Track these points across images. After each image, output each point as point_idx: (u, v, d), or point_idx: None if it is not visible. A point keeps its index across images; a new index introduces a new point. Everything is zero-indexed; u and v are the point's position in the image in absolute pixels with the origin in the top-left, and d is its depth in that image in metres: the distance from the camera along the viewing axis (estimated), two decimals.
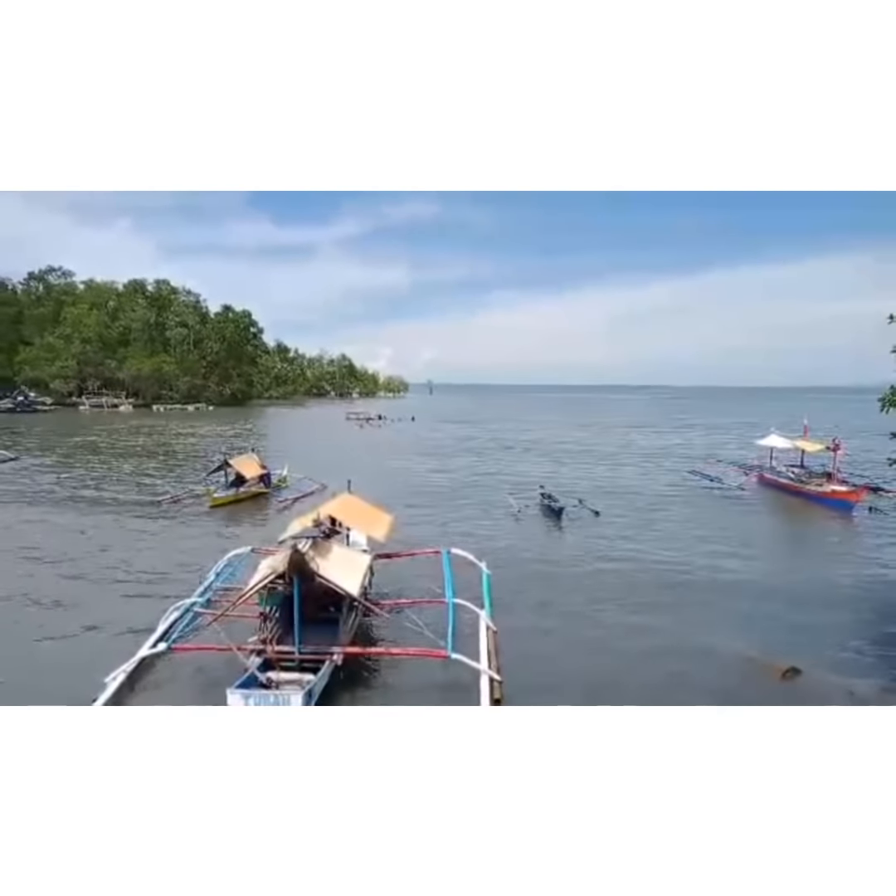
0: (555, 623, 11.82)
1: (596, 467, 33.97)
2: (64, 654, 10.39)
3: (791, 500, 24.49)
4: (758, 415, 74.95)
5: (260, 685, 8.33)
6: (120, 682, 8.91)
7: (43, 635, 11.05)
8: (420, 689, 9.16)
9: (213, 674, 9.24)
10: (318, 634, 9.22)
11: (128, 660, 9.36)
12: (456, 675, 9.17)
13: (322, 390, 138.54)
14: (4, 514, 21.33)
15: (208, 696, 8.47)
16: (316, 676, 8.46)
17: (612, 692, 8.95)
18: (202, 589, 11.82)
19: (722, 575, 14.90)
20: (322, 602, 9.94)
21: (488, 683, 8.84)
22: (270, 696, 7.93)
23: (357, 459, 35.24)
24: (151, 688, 9.17)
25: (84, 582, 14.16)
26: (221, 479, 24.38)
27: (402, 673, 9.75)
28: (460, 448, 44.00)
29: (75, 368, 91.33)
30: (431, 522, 19.81)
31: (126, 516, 20.82)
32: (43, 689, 8.67)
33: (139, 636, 10.40)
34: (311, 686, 8.19)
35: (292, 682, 8.48)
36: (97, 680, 8.86)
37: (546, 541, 18.42)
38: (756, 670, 9.71)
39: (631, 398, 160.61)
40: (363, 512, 12.89)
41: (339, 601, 9.91)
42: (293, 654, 8.95)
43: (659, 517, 21.13)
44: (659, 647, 10.68)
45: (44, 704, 5.25)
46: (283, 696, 7.92)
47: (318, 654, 8.94)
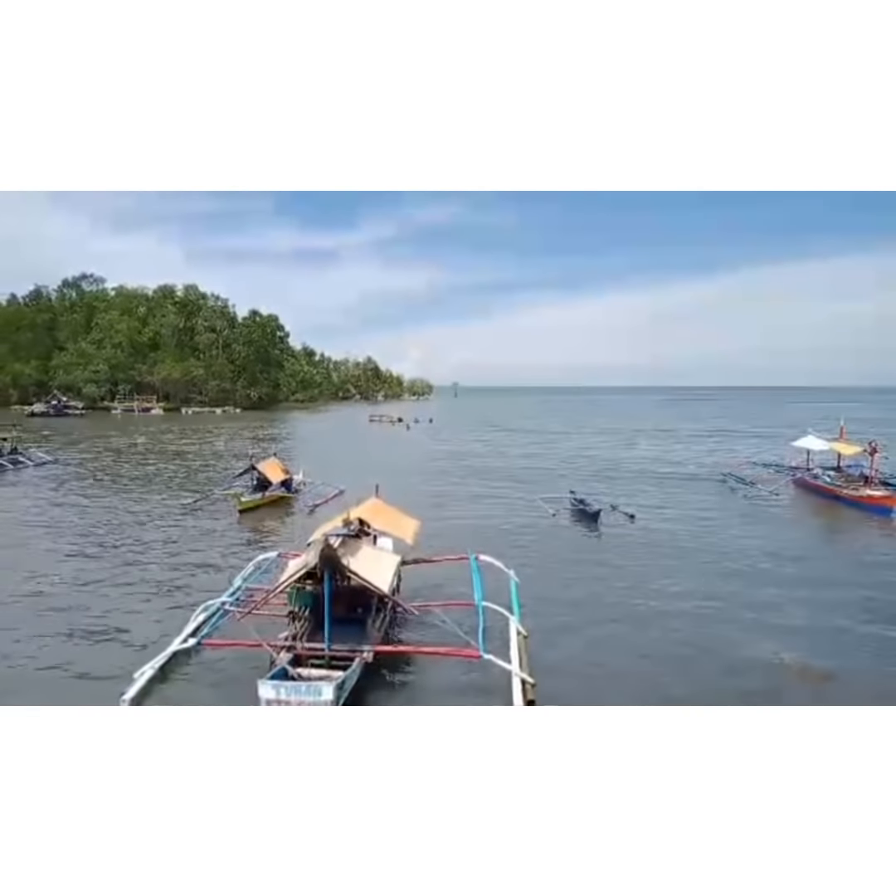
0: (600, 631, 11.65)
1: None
2: (96, 648, 10.61)
3: (828, 504, 23.85)
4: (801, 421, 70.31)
5: (290, 679, 8.33)
6: (148, 676, 9.03)
7: (87, 626, 11.32)
8: (451, 689, 9.13)
9: (241, 670, 9.30)
10: (347, 633, 9.22)
11: (157, 655, 9.50)
12: (487, 676, 9.10)
13: (347, 393, 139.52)
14: (44, 514, 21.85)
15: (237, 692, 8.55)
16: (346, 672, 8.42)
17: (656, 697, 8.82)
18: (231, 590, 11.96)
19: (760, 577, 14.69)
20: (351, 601, 9.96)
21: (520, 685, 8.74)
22: (302, 687, 7.90)
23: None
24: (180, 682, 9.28)
25: (113, 581, 14.47)
26: (247, 482, 24.59)
27: (432, 673, 9.70)
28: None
29: (107, 373, 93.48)
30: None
31: (163, 517, 21.16)
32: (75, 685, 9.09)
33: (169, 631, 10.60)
34: (342, 680, 8.14)
35: (322, 678, 8.47)
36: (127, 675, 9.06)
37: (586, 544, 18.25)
38: (791, 675, 9.51)
39: (657, 399, 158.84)
40: (391, 515, 12.92)
41: (368, 601, 9.92)
42: (323, 650, 8.94)
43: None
44: (694, 647, 10.58)
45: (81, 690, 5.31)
46: (314, 687, 7.89)
47: (348, 651, 8.93)
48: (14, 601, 12.94)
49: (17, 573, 14.76)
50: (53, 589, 13.86)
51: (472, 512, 21.96)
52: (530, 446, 46.30)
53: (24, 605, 12.73)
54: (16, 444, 36.03)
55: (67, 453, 39.94)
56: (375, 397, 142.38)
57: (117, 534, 18.96)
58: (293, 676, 8.45)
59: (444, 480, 29.91)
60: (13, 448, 35.18)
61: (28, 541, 18.21)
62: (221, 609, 11.04)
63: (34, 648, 10.50)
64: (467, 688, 9.14)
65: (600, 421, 76.08)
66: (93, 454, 40.23)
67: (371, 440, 52.96)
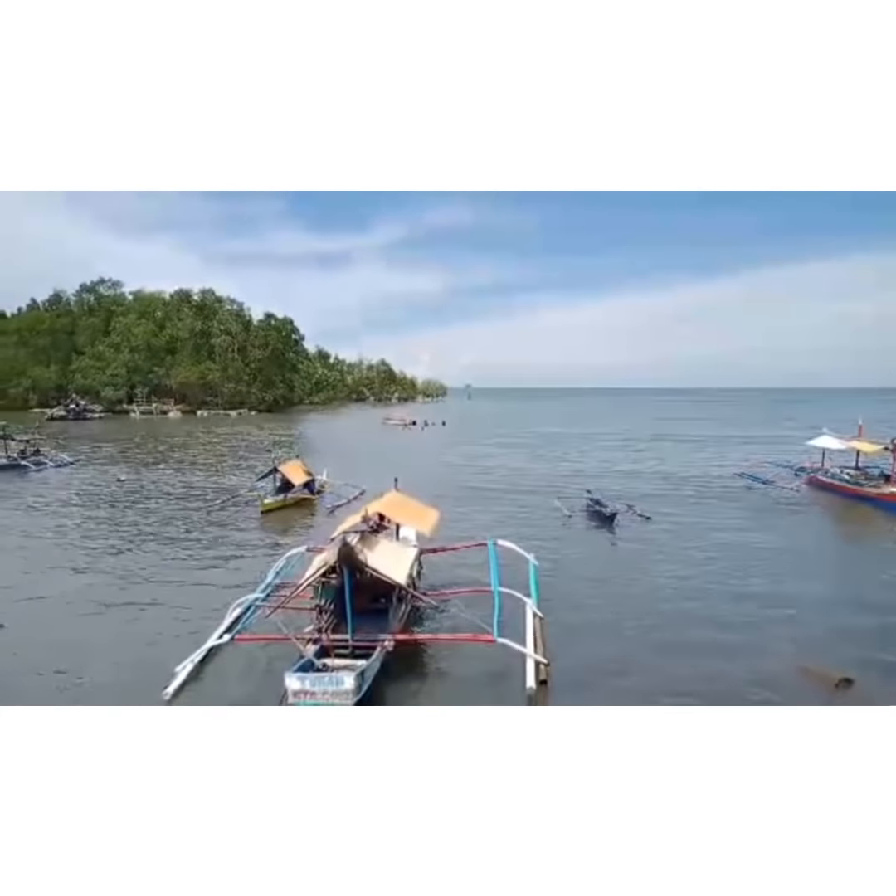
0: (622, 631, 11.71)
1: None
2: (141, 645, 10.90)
3: (848, 503, 23.65)
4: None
5: (315, 670, 8.75)
6: (189, 670, 9.55)
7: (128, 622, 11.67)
8: (468, 673, 9.62)
9: (272, 662, 9.76)
10: (369, 624, 9.78)
11: (196, 650, 10.01)
12: (503, 659, 9.49)
13: (361, 395, 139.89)
14: (68, 516, 22.25)
15: (268, 683, 9.02)
16: (367, 661, 8.86)
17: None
18: (263, 585, 12.41)
19: (779, 578, 14.63)
20: (373, 593, 10.47)
21: (534, 666, 9.21)
22: (325, 677, 8.31)
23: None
24: (217, 676, 9.71)
25: (147, 578, 14.81)
26: (269, 484, 24.73)
27: (449, 659, 10.11)
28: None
29: (125, 376, 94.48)
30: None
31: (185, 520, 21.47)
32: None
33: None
34: (362, 669, 8.54)
35: (345, 667, 8.85)
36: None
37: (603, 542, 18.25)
38: (808, 680, 9.47)
39: (678, 399, 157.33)
40: (410, 508, 13.48)
41: (389, 593, 10.43)
42: (346, 641, 9.43)
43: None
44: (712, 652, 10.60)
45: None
46: (336, 677, 8.28)
47: (369, 641, 9.38)
48: (60, 595, 13.38)
49: (50, 568, 15.22)
50: (95, 579, 14.51)
51: None
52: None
53: (69, 599, 13.14)
54: (37, 447, 36.84)
55: (88, 455, 40.51)
56: (389, 399, 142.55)
57: (139, 537, 19.30)
58: (319, 667, 8.89)
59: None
60: (35, 450, 36.19)
61: (54, 537, 18.62)
62: (254, 605, 11.51)
63: (84, 640, 10.86)
64: (484, 670, 9.59)
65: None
66: (118, 457, 40.75)
67: (387, 447, 52.87)
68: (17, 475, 31.74)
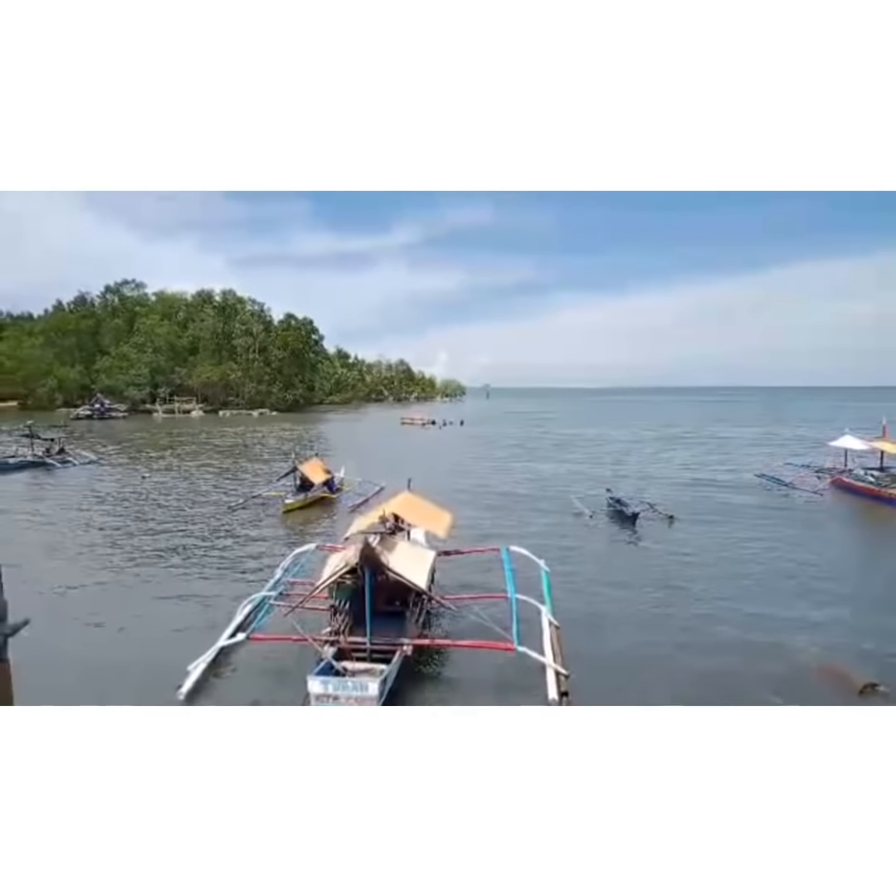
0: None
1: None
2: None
3: (873, 504, 23.19)
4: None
5: (335, 673, 8.65)
6: (201, 669, 9.45)
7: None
8: (487, 681, 9.38)
9: (286, 662, 9.69)
10: (386, 627, 9.52)
11: (208, 649, 9.90)
12: (521, 668, 9.32)
13: (380, 395, 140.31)
14: (90, 513, 22.59)
15: (283, 683, 8.95)
16: (388, 666, 8.72)
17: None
18: (272, 583, 12.37)
19: (803, 581, 14.42)
20: (390, 596, 10.26)
21: (555, 677, 9.00)
22: (348, 683, 8.24)
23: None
24: (231, 675, 9.67)
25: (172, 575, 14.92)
26: (290, 483, 24.93)
27: (468, 666, 9.93)
28: None
29: (147, 376, 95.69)
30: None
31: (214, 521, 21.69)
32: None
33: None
34: (385, 675, 8.45)
35: (366, 671, 8.79)
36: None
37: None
38: (834, 685, 9.32)
39: (709, 400, 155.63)
40: (424, 509, 13.35)
41: (406, 595, 10.20)
42: (364, 644, 9.25)
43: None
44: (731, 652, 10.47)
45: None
46: (360, 683, 8.20)
47: (388, 644, 9.23)
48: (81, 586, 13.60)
49: (75, 561, 15.50)
50: (118, 577, 14.77)
51: None
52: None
53: (93, 593, 13.36)
54: (62, 445, 37.50)
55: (113, 452, 41.15)
56: (408, 399, 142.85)
57: (163, 532, 19.55)
58: (338, 671, 8.75)
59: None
60: (60, 448, 36.80)
61: (80, 532, 18.93)
62: (266, 603, 11.39)
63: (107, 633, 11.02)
64: (503, 679, 9.37)
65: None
66: (141, 456, 41.35)
67: (404, 446, 52.93)
68: (43, 472, 32.37)
